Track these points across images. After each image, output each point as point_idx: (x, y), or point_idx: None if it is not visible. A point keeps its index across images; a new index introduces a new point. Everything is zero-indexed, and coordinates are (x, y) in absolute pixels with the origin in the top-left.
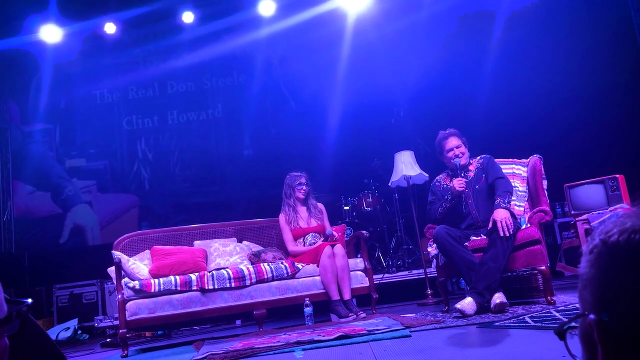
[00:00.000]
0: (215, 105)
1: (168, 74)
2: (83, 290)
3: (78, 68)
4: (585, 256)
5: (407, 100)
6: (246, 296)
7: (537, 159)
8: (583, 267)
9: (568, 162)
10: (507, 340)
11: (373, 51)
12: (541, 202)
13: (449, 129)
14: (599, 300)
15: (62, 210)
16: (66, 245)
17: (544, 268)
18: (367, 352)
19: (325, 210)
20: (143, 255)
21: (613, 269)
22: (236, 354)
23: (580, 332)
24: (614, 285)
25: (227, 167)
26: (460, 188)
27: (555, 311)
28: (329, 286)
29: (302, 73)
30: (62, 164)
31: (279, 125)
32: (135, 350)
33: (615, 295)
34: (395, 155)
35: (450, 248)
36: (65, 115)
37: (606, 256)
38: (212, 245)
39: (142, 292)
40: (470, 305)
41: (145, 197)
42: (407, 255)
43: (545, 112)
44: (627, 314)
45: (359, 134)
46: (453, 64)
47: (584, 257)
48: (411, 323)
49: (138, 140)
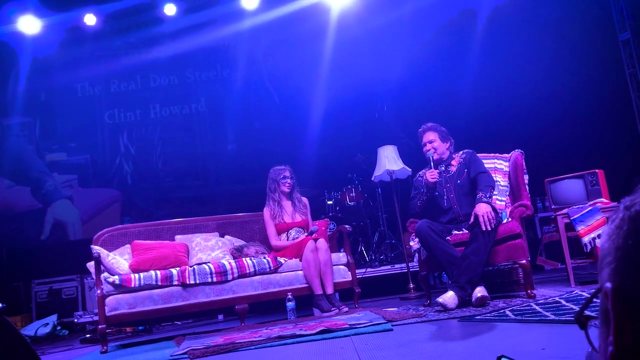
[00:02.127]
0: (198, 99)
1: (150, 67)
2: (62, 286)
3: (58, 60)
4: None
5: (390, 95)
6: (228, 291)
7: (518, 153)
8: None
9: (549, 157)
10: (487, 334)
11: (357, 46)
12: (522, 196)
13: (429, 123)
14: (617, 268)
15: (42, 205)
16: (47, 241)
17: (524, 262)
18: (348, 347)
19: (309, 205)
20: (123, 250)
21: (635, 237)
22: (217, 349)
23: (600, 308)
24: (634, 254)
25: (211, 162)
26: (432, 179)
27: (535, 304)
28: (311, 280)
29: (286, 67)
30: (42, 158)
31: (262, 119)
32: (115, 345)
33: (635, 263)
34: (379, 150)
35: (432, 242)
36: (45, 108)
37: (628, 224)
38: (194, 239)
39: (122, 287)
40: (452, 299)
41: (128, 192)
42: (389, 249)
43: (527, 107)
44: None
45: (342, 128)
46: (437, 59)
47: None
48: (393, 317)
49: (120, 134)
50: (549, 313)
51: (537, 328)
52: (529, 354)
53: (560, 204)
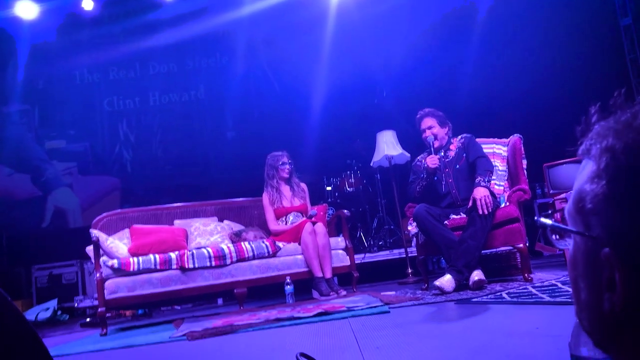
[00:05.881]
0: (197, 87)
1: (149, 54)
2: (62, 271)
3: (56, 46)
4: (586, 167)
5: (390, 81)
6: (227, 275)
7: (517, 138)
8: (588, 199)
9: (548, 142)
10: (483, 315)
11: (357, 32)
12: (520, 181)
13: (426, 109)
14: (610, 221)
15: (42, 193)
16: (47, 228)
17: (522, 246)
18: (345, 327)
19: (307, 189)
20: (122, 235)
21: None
22: (215, 331)
23: (586, 260)
24: (630, 206)
25: (210, 149)
26: (433, 165)
27: (532, 287)
28: (311, 262)
29: (286, 54)
30: (41, 145)
31: (262, 106)
32: (115, 329)
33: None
34: (378, 135)
35: (430, 226)
36: (44, 95)
37: (619, 172)
38: (193, 224)
39: (121, 271)
40: (449, 282)
41: (128, 180)
42: (388, 235)
43: (527, 92)
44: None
45: (342, 114)
46: (437, 44)
47: (589, 183)
48: (390, 300)
49: (119, 121)
50: (545, 295)
51: (533, 309)
52: (523, 334)
53: (559, 189)
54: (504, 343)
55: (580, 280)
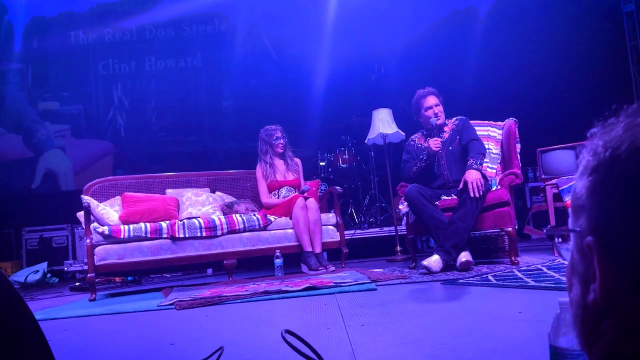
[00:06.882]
0: (194, 54)
1: (146, 18)
2: (53, 235)
3: (51, 5)
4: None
5: (389, 59)
6: (217, 246)
7: (512, 122)
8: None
9: (544, 127)
10: (468, 297)
11: (360, 9)
12: (513, 165)
13: (427, 87)
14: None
15: (34, 154)
16: (38, 190)
17: (510, 229)
18: (332, 303)
19: (301, 165)
20: (114, 202)
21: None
22: (203, 301)
23: (576, 258)
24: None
25: (205, 118)
26: (436, 148)
27: (517, 271)
28: (301, 237)
29: (286, 26)
30: (34, 106)
31: (259, 77)
32: (104, 294)
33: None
34: (373, 113)
35: (420, 206)
36: (38, 54)
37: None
38: (185, 194)
39: (112, 238)
40: (437, 262)
41: (121, 145)
42: (379, 212)
43: (525, 76)
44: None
45: (340, 90)
46: (439, 26)
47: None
48: (378, 277)
49: (114, 85)
50: (530, 279)
51: (517, 293)
52: (505, 317)
53: (551, 174)
54: (486, 326)
55: (572, 277)
